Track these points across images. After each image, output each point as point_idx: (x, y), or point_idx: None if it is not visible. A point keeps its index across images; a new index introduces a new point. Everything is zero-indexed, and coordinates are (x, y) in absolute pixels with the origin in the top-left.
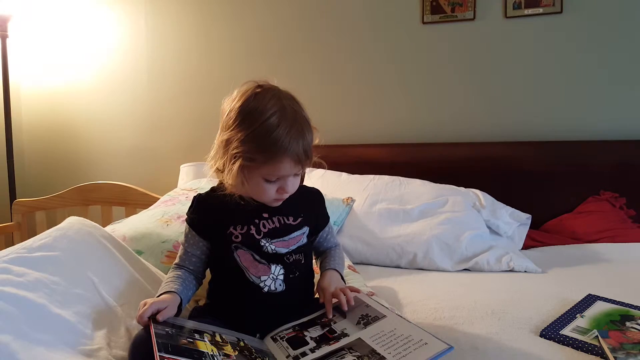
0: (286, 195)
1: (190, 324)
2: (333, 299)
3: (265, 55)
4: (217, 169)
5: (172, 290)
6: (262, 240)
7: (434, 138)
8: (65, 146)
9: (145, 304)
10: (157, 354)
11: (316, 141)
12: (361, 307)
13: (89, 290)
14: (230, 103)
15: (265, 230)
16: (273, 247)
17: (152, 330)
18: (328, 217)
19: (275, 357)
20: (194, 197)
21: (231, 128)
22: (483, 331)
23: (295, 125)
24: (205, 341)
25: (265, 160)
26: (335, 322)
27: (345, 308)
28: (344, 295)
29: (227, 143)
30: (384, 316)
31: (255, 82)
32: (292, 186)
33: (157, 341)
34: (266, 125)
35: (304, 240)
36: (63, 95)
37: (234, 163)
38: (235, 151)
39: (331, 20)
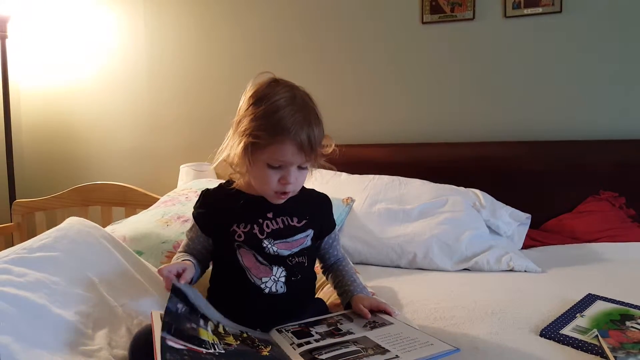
0: (289, 188)
1: (202, 303)
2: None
3: (264, 56)
4: (227, 156)
5: (187, 259)
6: (265, 240)
7: (434, 138)
8: (64, 147)
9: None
10: (156, 341)
11: (329, 150)
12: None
13: (89, 290)
14: (246, 92)
15: (269, 230)
16: (275, 248)
17: (154, 326)
18: (334, 224)
19: (280, 345)
20: (202, 191)
21: (243, 110)
22: (483, 331)
23: (301, 112)
24: (207, 330)
25: (268, 140)
26: (342, 324)
27: (395, 314)
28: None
29: (237, 124)
30: (391, 323)
31: (272, 75)
32: (294, 178)
33: (164, 320)
34: (273, 105)
35: (308, 242)
36: (62, 96)
37: (240, 142)
38: (242, 128)
39: (331, 20)
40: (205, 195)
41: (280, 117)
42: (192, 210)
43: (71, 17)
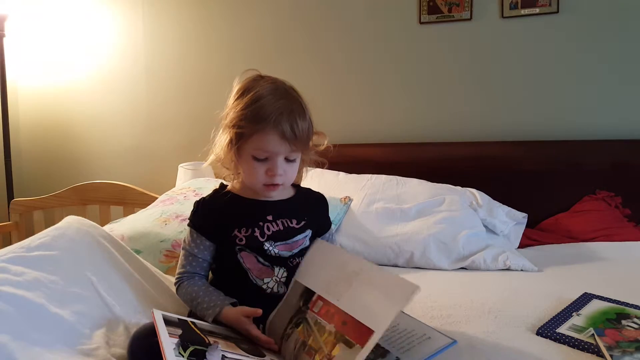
0: (277, 180)
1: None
2: None
3: (263, 56)
4: (216, 154)
5: (229, 303)
6: (266, 243)
7: (432, 138)
8: (63, 145)
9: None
10: (162, 340)
11: (322, 147)
12: None
13: (87, 289)
14: (232, 89)
15: (269, 232)
16: (276, 250)
17: (157, 324)
18: (330, 223)
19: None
20: (196, 202)
21: (229, 105)
22: (480, 330)
23: (283, 100)
24: None
25: (251, 129)
26: None
27: None
28: None
29: (224, 118)
30: None
31: (258, 72)
32: (281, 170)
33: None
34: (255, 95)
35: (307, 243)
36: (61, 95)
37: (226, 134)
38: (227, 121)
39: (329, 21)
40: (201, 204)
41: (261, 105)
42: (189, 223)
43: (69, 16)
